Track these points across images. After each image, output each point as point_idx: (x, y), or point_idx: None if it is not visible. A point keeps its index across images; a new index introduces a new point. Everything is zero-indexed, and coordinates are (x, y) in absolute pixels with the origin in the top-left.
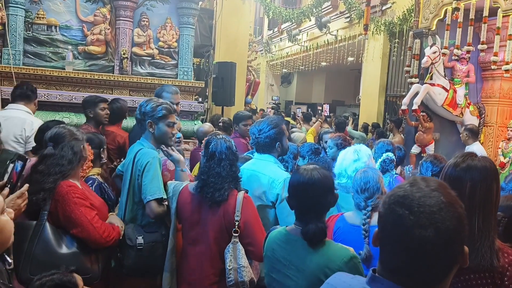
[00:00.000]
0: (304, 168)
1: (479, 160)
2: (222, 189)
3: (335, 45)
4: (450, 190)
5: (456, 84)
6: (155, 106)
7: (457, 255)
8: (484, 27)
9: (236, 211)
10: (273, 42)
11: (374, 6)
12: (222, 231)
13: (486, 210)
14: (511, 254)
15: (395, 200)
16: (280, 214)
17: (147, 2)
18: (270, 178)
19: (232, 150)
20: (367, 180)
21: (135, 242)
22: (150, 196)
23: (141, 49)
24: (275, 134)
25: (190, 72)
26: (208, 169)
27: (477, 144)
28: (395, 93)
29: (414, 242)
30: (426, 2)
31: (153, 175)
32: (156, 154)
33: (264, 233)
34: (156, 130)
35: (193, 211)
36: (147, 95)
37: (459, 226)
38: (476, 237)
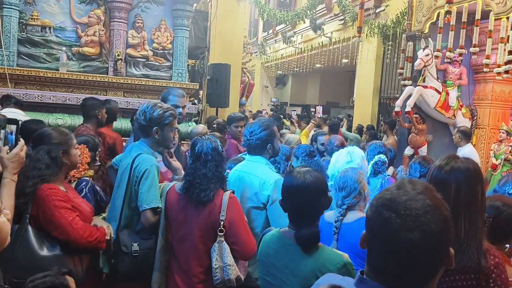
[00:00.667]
0: (297, 171)
1: (462, 162)
2: (207, 189)
3: (330, 47)
4: (436, 193)
5: (449, 86)
6: (162, 112)
7: (443, 257)
8: (476, 30)
9: (222, 211)
10: (267, 44)
11: (368, 9)
12: (208, 230)
13: (472, 211)
14: (497, 257)
15: (382, 203)
16: (272, 215)
17: (141, 4)
18: (261, 179)
19: (218, 151)
20: (345, 180)
21: (130, 249)
22: (147, 204)
23: (135, 51)
24: (266, 135)
25: (185, 74)
26: (194, 170)
27: (469, 146)
28: (389, 95)
29: (400, 244)
30: (419, 5)
31: (151, 183)
32: (155, 161)
33: (249, 233)
34: (161, 137)
35: (179, 210)
36: (141, 96)
37: (444, 229)
38: (462, 239)
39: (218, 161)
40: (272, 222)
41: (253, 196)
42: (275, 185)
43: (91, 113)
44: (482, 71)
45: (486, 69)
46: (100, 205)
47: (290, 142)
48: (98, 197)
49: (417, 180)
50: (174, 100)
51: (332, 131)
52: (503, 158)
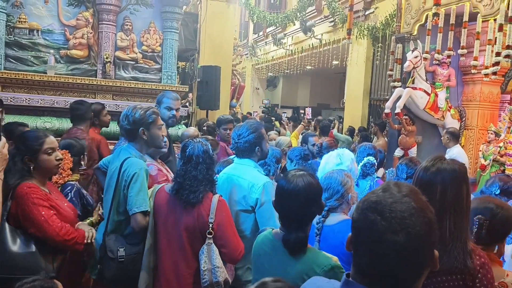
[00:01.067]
0: (292, 174)
1: (448, 163)
2: (197, 191)
3: (320, 49)
4: (421, 195)
5: (438, 88)
6: (144, 112)
7: (428, 259)
8: (464, 32)
9: (211, 213)
10: (258, 46)
11: (357, 11)
12: (196, 232)
13: (457, 212)
14: (482, 257)
15: (368, 205)
16: (260, 218)
17: (130, 6)
18: (250, 182)
19: (209, 154)
20: (329, 181)
21: (116, 254)
22: (136, 208)
23: (124, 53)
24: (254, 138)
25: (174, 76)
26: (184, 172)
27: (457, 147)
28: (379, 96)
29: (385, 246)
30: (407, 8)
31: (140, 187)
32: (144, 164)
33: (237, 236)
34: (149, 136)
35: (168, 211)
36: (130, 99)
37: (429, 231)
38: (448, 239)
39: (209, 164)
40: (261, 225)
41: (241, 199)
42: (263, 188)
43: (87, 115)
44: (471, 73)
45: (474, 71)
46: (87, 209)
47: (281, 144)
48: (84, 201)
49: (403, 182)
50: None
51: (323, 133)
52: (492, 159)
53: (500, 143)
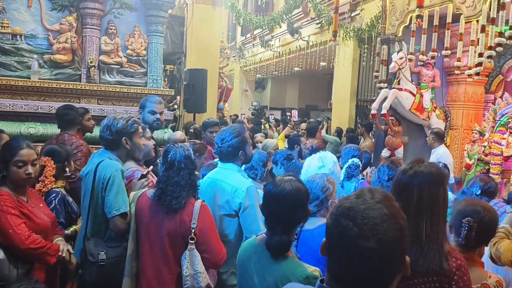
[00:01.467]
0: (279, 179)
1: (425, 166)
2: (179, 197)
3: (307, 51)
4: (395, 202)
5: (423, 88)
6: (126, 122)
7: (399, 265)
8: (447, 33)
9: (193, 219)
10: (246, 48)
11: (343, 13)
12: (178, 237)
13: (434, 214)
14: (459, 259)
15: (341, 211)
16: (244, 222)
17: (114, 10)
18: (233, 187)
19: (191, 159)
20: (311, 186)
21: (97, 258)
22: (116, 211)
23: (109, 57)
24: (237, 143)
25: (160, 80)
26: (167, 178)
27: (442, 147)
28: (366, 97)
29: (357, 252)
30: (392, 9)
31: (118, 188)
32: (119, 165)
33: (219, 241)
34: (132, 146)
35: (150, 216)
36: (116, 104)
37: (400, 237)
38: (424, 242)
39: (191, 169)
40: (244, 229)
41: (225, 204)
42: (247, 192)
43: (76, 120)
44: (455, 73)
45: (458, 72)
46: (72, 217)
47: (268, 147)
48: (69, 208)
49: (377, 189)
50: (151, 107)
51: (310, 135)
52: (477, 158)
53: (484, 143)
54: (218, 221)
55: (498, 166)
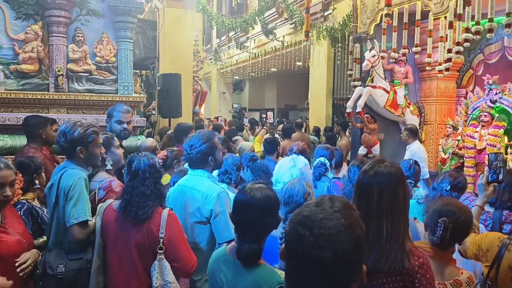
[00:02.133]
0: (249, 187)
1: (385, 166)
2: (146, 207)
3: (283, 51)
4: (354, 211)
5: (396, 85)
6: (84, 131)
7: (355, 274)
8: (417, 30)
9: (161, 228)
10: (222, 50)
11: (316, 13)
12: (146, 248)
13: (394, 213)
14: (421, 257)
15: (299, 220)
16: (215, 229)
17: (81, 17)
18: (204, 193)
19: (156, 168)
20: (291, 193)
21: (55, 271)
22: (74, 219)
23: (77, 65)
24: (207, 148)
25: (131, 87)
26: (131, 188)
27: (416, 142)
28: (342, 96)
29: (312, 261)
30: (363, 8)
31: (78, 196)
32: (83, 174)
33: (189, 249)
34: (87, 155)
35: (117, 229)
36: (86, 112)
37: (355, 248)
38: (385, 241)
39: (156, 178)
40: (217, 235)
41: (196, 211)
42: (217, 198)
43: (35, 132)
44: (426, 69)
45: (429, 68)
46: (42, 228)
47: (243, 149)
48: (39, 219)
49: (338, 197)
50: (118, 116)
51: (286, 136)
52: (451, 152)
53: (458, 137)
54: (190, 229)
55: (472, 159)
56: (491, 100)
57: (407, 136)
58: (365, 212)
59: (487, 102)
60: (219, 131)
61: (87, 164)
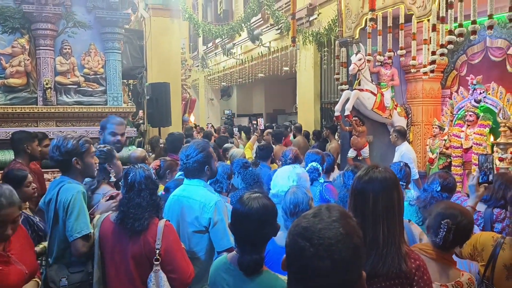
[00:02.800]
0: (246, 197)
1: (380, 172)
2: (142, 218)
3: (269, 57)
4: (351, 219)
5: (383, 88)
6: (76, 142)
7: (355, 281)
8: (401, 33)
9: (157, 239)
10: (208, 57)
11: (301, 18)
12: (143, 259)
13: (390, 217)
14: (418, 259)
15: (298, 231)
16: (214, 237)
17: (68, 29)
18: (201, 203)
19: (151, 179)
20: (296, 203)
21: (58, 284)
22: (78, 233)
23: (65, 78)
24: (203, 158)
25: (120, 98)
26: (128, 200)
27: (405, 144)
28: (330, 99)
29: (313, 271)
30: (347, 13)
31: (79, 211)
32: (80, 188)
33: (187, 259)
34: (83, 166)
35: (114, 240)
36: (76, 124)
37: (354, 256)
38: (382, 245)
39: (152, 189)
40: (215, 244)
41: (194, 221)
42: (215, 206)
43: (20, 147)
44: (411, 71)
45: (414, 70)
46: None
47: (234, 156)
48: (35, 227)
49: (335, 206)
50: (112, 128)
51: (277, 141)
52: (438, 152)
53: (444, 136)
54: (188, 239)
55: (459, 158)
56: (476, 100)
57: (396, 137)
58: (361, 218)
59: (471, 102)
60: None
61: (83, 176)
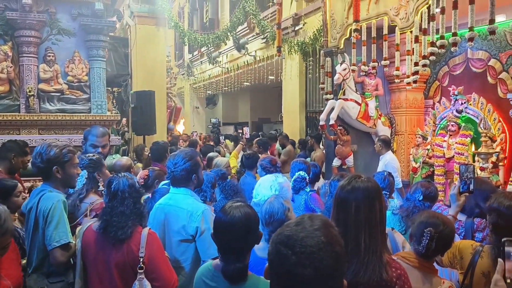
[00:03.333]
0: (228, 206)
1: (362, 181)
2: (125, 226)
3: (255, 65)
4: (333, 228)
5: (367, 97)
6: (59, 151)
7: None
8: (385, 44)
9: (141, 248)
10: (194, 65)
11: (287, 27)
12: (127, 268)
13: (371, 226)
14: (399, 268)
15: (281, 240)
16: (201, 246)
17: (52, 37)
18: (188, 211)
19: (135, 188)
20: (271, 212)
21: None
22: (56, 242)
23: (48, 85)
24: (191, 166)
25: (105, 106)
26: (111, 209)
27: (389, 153)
28: (315, 108)
29: (296, 279)
30: (332, 23)
31: (59, 219)
32: (61, 196)
33: (170, 268)
34: (63, 175)
35: (97, 250)
36: (58, 132)
37: (336, 264)
38: (364, 253)
39: (136, 197)
40: (202, 253)
41: (181, 229)
42: (203, 215)
43: (7, 155)
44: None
45: (397, 80)
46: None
47: (219, 165)
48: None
49: (317, 215)
50: (93, 140)
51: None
52: (422, 161)
53: (427, 146)
54: (174, 248)
55: (442, 167)
56: (457, 110)
57: (380, 147)
58: (343, 226)
59: (453, 112)
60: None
61: (64, 185)
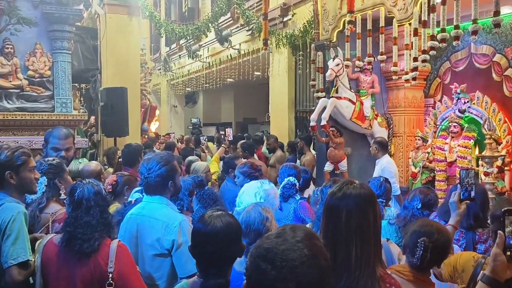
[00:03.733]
0: (208, 216)
1: (354, 187)
2: (92, 238)
3: (239, 60)
4: (317, 240)
5: (362, 95)
6: (11, 153)
7: None
8: (381, 37)
9: (109, 262)
10: (172, 60)
11: (274, 19)
12: (94, 285)
13: (364, 237)
14: (393, 284)
15: (260, 253)
16: (177, 261)
17: (10, 26)
18: (164, 222)
19: (102, 195)
20: (247, 223)
21: None
22: (13, 260)
23: (6, 81)
24: (167, 171)
25: (70, 104)
26: (74, 219)
27: (386, 156)
28: (305, 108)
29: None
30: (324, 14)
31: (18, 234)
32: (22, 208)
33: (142, 283)
34: (18, 180)
35: (59, 265)
36: (18, 134)
37: (320, 278)
38: (354, 265)
39: (103, 206)
40: (178, 269)
41: (155, 243)
42: (179, 227)
43: None
44: (393, 78)
45: (395, 77)
46: None
47: (197, 170)
48: None
49: (300, 226)
50: (55, 143)
51: (250, 153)
52: (422, 166)
53: (428, 149)
54: (147, 263)
55: (443, 172)
56: (460, 110)
57: (376, 150)
58: (333, 237)
59: (455, 112)
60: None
61: (20, 192)
